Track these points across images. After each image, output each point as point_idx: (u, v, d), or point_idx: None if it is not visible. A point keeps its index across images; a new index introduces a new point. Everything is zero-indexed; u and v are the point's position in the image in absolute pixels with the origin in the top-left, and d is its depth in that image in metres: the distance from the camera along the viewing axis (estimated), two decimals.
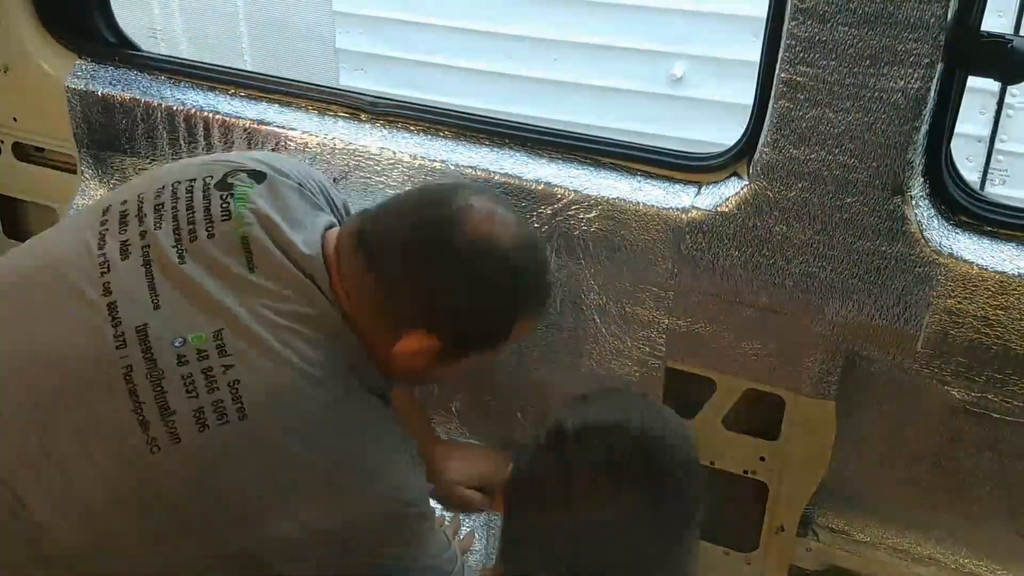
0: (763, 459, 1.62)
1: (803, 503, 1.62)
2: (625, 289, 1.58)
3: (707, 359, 1.57)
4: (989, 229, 1.39)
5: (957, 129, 1.37)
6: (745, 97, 1.46)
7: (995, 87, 2.96)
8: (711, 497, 1.68)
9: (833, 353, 1.48)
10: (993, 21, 2.73)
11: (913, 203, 1.35)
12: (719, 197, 1.47)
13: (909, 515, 1.62)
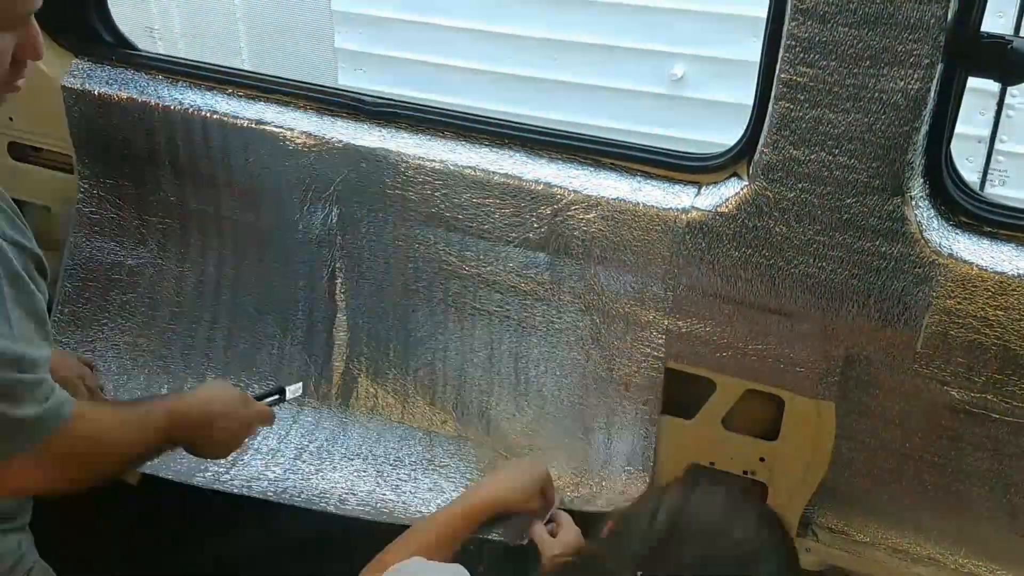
0: (763, 459, 1.62)
1: (803, 503, 1.63)
2: (625, 289, 1.58)
3: (707, 359, 1.57)
4: (989, 230, 1.39)
5: (957, 130, 1.37)
6: (745, 97, 1.46)
7: (995, 88, 2.96)
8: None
9: (833, 353, 1.48)
10: (993, 22, 2.74)
11: (913, 204, 1.35)
12: (719, 197, 1.47)
13: (909, 515, 1.62)
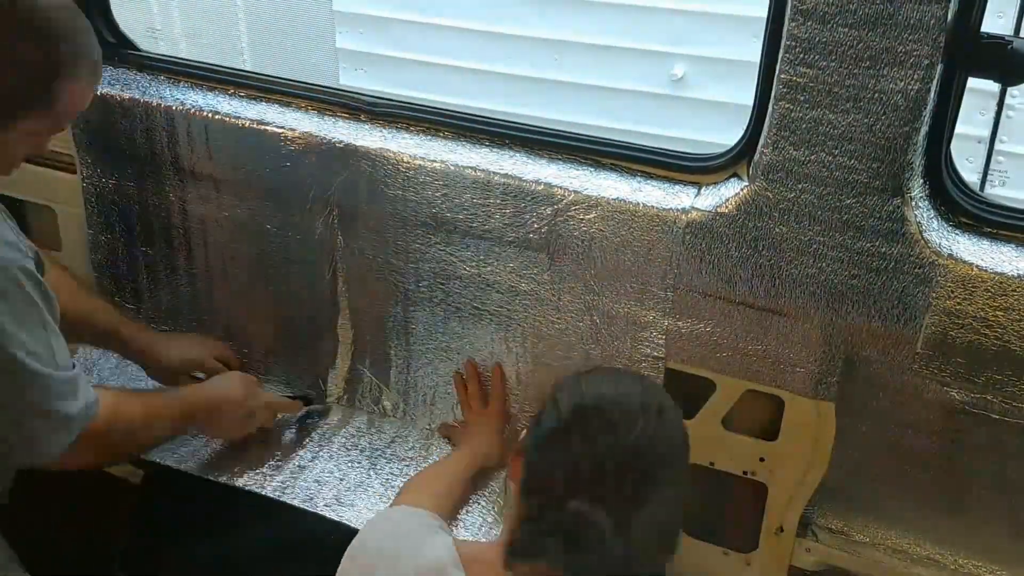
0: (763, 460, 1.62)
1: (802, 504, 1.63)
2: (625, 290, 1.58)
3: (707, 360, 1.57)
4: (989, 230, 1.39)
5: (957, 130, 1.37)
6: (745, 98, 1.46)
7: (995, 88, 2.96)
8: (710, 497, 1.70)
9: (833, 354, 1.48)
10: (993, 22, 2.73)
11: (913, 204, 1.35)
12: (719, 198, 1.47)
13: (908, 516, 1.62)
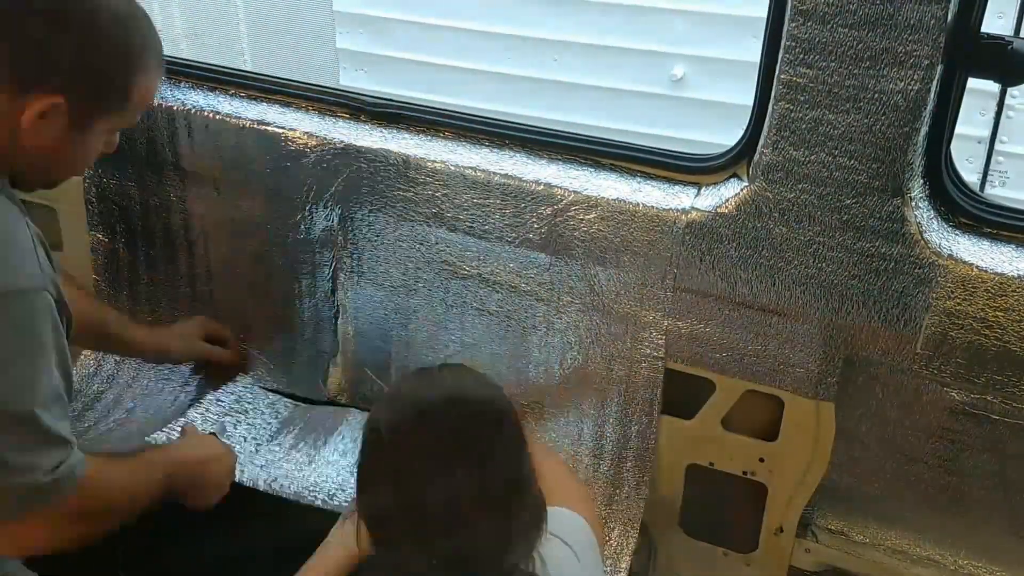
0: (762, 460, 1.62)
1: (802, 504, 1.63)
2: (625, 289, 1.58)
3: (707, 360, 1.57)
4: (989, 231, 1.39)
5: (957, 130, 1.37)
6: (745, 98, 1.46)
7: (995, 88, 2.96)
8: (710, 498, 1.70)
9: (833, 354, 1.48)
10: (993, 22, 2.73)
11: (913, 204, 1.35)
12: (719, 198, 1.47)
13: (908, 516, 1.62)
